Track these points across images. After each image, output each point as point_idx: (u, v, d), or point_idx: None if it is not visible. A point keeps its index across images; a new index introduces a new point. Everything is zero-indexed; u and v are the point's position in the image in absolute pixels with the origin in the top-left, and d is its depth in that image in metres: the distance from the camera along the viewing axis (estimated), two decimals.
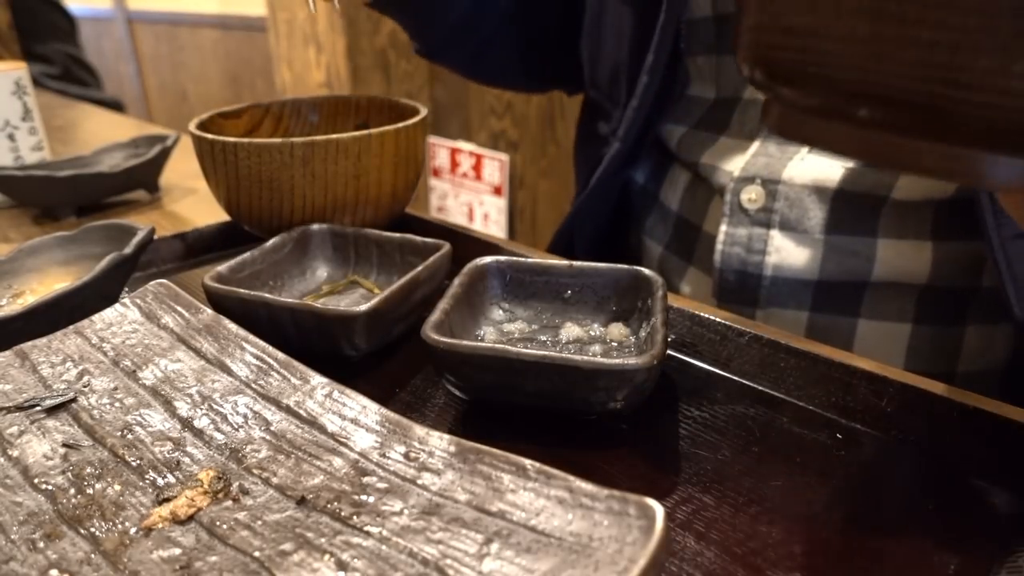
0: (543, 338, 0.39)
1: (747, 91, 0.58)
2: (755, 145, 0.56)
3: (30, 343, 0.33)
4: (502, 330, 0.39)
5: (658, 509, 0.21)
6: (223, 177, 0.48)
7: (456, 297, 0.37)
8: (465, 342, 0.32)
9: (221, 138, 0.47)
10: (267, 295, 0.38)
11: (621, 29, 0.62)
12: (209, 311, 0.35)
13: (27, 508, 0.26)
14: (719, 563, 0.26)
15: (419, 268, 0.40)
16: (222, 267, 0.41)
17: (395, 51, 1.87)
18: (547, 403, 0.33)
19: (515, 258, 0.41)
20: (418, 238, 0.44)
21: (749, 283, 0.52)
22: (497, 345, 0.32)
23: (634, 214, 0.67)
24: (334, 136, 0.46)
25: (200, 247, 0.56)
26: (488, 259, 0.41)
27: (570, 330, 0.39)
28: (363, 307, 0.36)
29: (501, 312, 0.41)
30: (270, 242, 0.45)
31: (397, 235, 0.45)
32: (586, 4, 0.68)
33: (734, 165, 0.56)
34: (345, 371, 0.37)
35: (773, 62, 0.23)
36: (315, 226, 0.47)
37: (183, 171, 0.77)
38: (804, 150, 0.55)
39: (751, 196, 0.52)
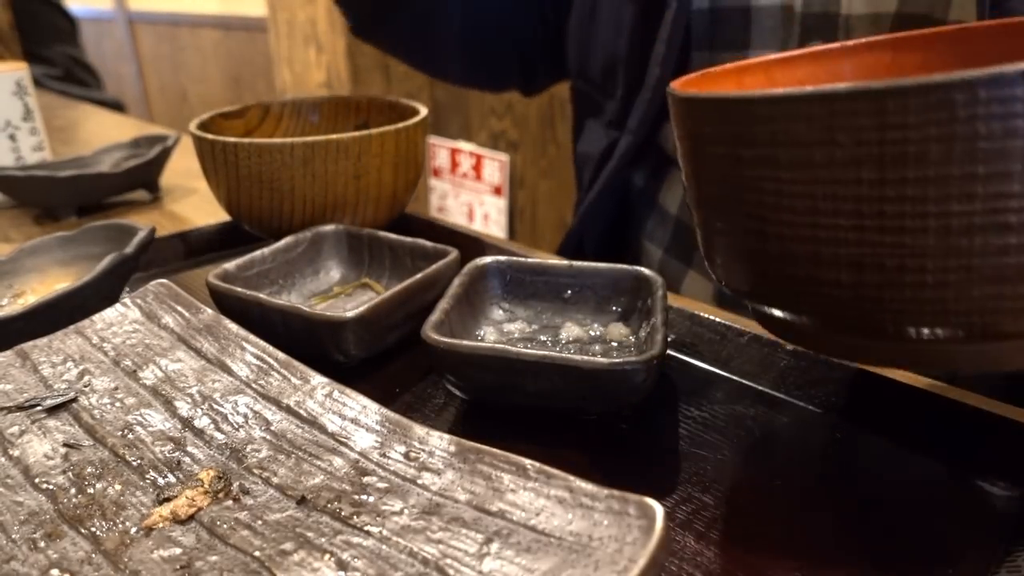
0: (543, 338, 0.39)
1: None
2: None
3: (31, 343, 0.33)
4: (502, 330, 0.39)
5: (658, 509, 0.21)
6: (223, 177, 0.48)
7: (456, 297, 0.37)
8: (465, 342, 0.32)
9: (221, 138, 0.47)
10: (262, 295, 0.38)
11: (620, 21, 0.62)
12: (209, 311, 0.35)
13: (28, 508, 0.26)
14: (719, 563, 0.26)
15: (417, 276, 0.39)
16: (229, 264, 0.41)
17: None
18: (547, 403, 0.33)
19: (515, 258, 0.41)
20: (429, 244, 0.44)
21: None
22: (497, 345, 0.32)
23: (634, 217, 0.67)
24: (334, 136, 0.46)
25: (200, 247, 0.56)
26: (488, 259, 0.41)
27: (570, 330, 0.39)
28: (351, 313, 0.35)
29: (501, 312, 0.41)
30: (282, 241, 0.45)
31: (408, 239, 0.45)
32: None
33: None
34: (345, 371, 0.37)
35: (730, 288, 0.28)
36: (330, 227, 0.47)
37: (183, 171, 0.77)
38: None
39: None
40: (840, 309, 0.23)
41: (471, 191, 1.99)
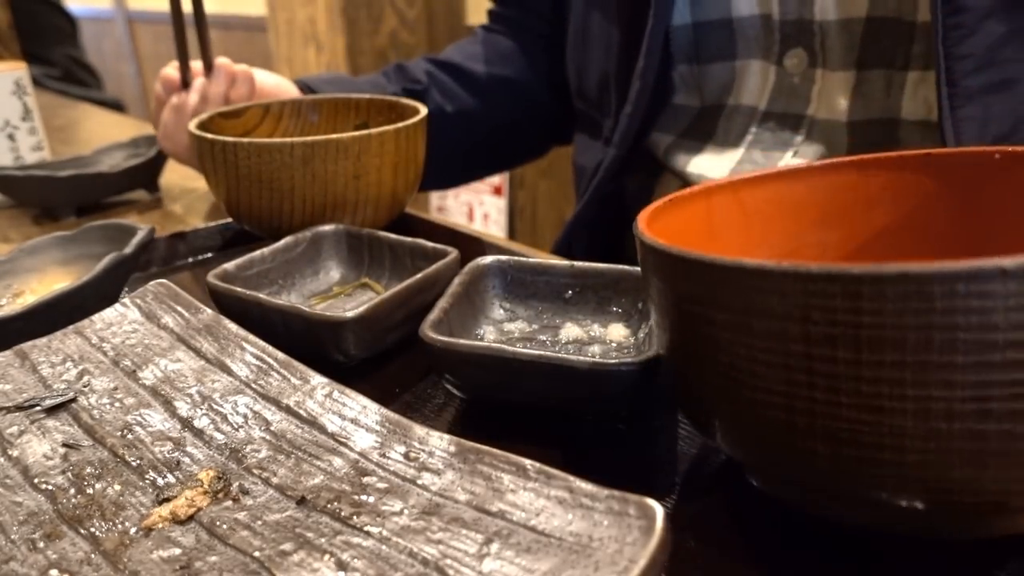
0: (543, 338, 0.39)
1: (731, 98, 0.59)
2: (740, 152, 0.57)
3: (30, 343, 0.33)
4: (502, 329, 0.39)
5: (658, 509, 0.21)
6: (223, 177, 0.48)
7: (456, 296, 0.37)
8: (461, 341, 0.32)
9: (221, 138, 0.47)
10: (262, 295, 0.37)
11: (608, 41, 0.63)
12: (209, 311, 0.35)
13: (27, 508, 0.26)
14: (719, 563, 0.26)
15: (417, 276, 0.39)
16: (229, 264, 0.41)
17: (395, 51, 1.87)
18: (544, 402, 0.33)
19: (516, 258, 0.41)
20: (428, 244, 0.44)
21: None
22: (493, 344, 0.32)
23: (629, 223, 0.68)
24: (334, 136, 0.46)
25: (200, 247, 0.56)
26: (489, 259, 0.41)
27: (570, 330, 0.39)
28: (351, 313, 0.35)
29: (502, 311, 0.41)
30: (282, 241, 0.45)
31: (409, 239, 0.45)
32: (569, 20, 0.69)
33: (720, 173, 0.57)
34: (345, 371, 0.37)
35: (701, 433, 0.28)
36: (329, 227, 0.47)
37: (183, 171, 0.77)
38: (789, 155, 0.56)
39: None
40: (814, 475, 0.22)
41: (471, 191, 1.99)
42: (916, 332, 0.19)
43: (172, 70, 0.65)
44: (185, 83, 0.63)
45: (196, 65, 0.64)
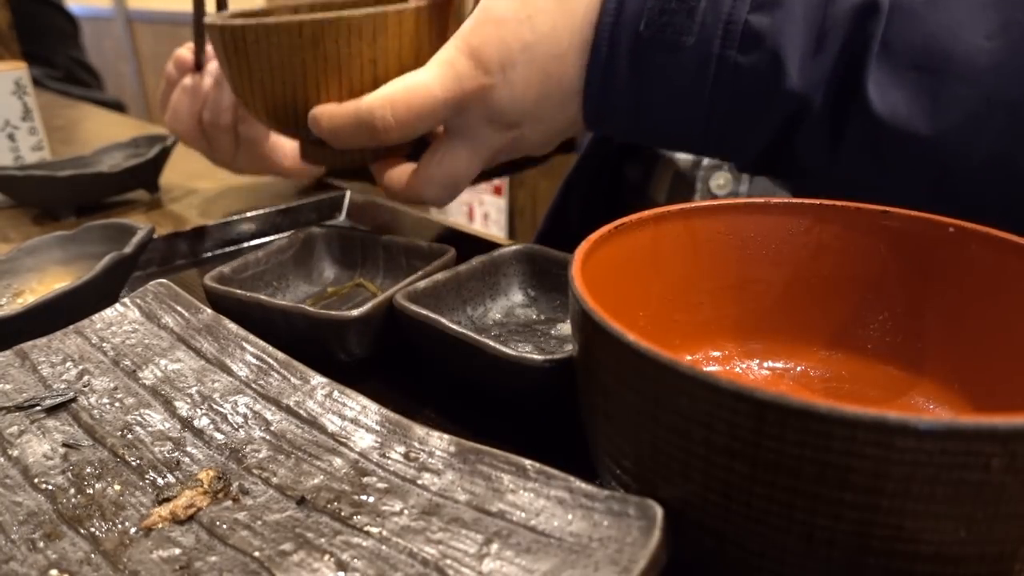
0: (540, 328, 0.39)
1: None
2: None
3: (30, 343, 0.33)
4: (512, 312, 0.40)
5: (658, 509, 0.21)
6: (236, 70, 0.44)
7: (469, 271, 0.39)
8: (413, 307, 0.34)
9: (230, 22, 0.43)
10: (262, 296, 0.37)
11: None
12: (209, 311, 0.35)
13: (27, 508, 0.26)
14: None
15: (417, 274, 0.39)
16: (224, 267, 0.41)
17: None
18: (483, 386, 0.34)
19: (545, 248, 0.42)
20: (423, 243, 0.44)
21: None
22: (431, 315, 0.33)
23: (629, 211, 0.69)
24: (345, 13, 0.41)
25: (200, 247, 0.56)
26: (520, 246, 0.42)
27: (567, 327, 0.39)
28: (355, 312, 0.35)
29: (523, 297, 0.42)
30: (275, 243, 0.45)
31: (403, 239, 0.45)
32: None
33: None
34: (345, 371, 0.37)
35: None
36: (321, 228, 0.47)
37: (183, 171, 0.77)
38: None
39: (719, 182, 0.58)
40: (704, 554, 0.23)
41: (471, 191, 1.99)
42: (811, 465, 0.19)
43: (186, 51, 0.64)
44: (199, 65, 0.62)
45: (211, 49, 0.63)
